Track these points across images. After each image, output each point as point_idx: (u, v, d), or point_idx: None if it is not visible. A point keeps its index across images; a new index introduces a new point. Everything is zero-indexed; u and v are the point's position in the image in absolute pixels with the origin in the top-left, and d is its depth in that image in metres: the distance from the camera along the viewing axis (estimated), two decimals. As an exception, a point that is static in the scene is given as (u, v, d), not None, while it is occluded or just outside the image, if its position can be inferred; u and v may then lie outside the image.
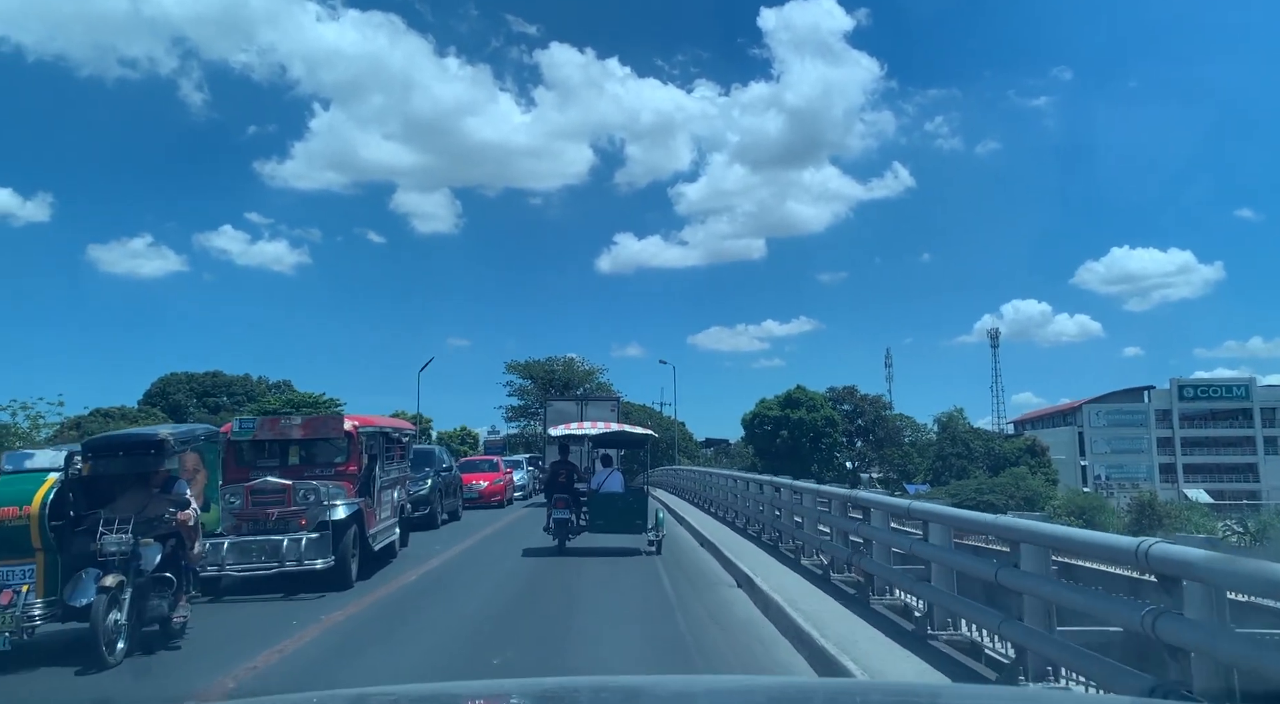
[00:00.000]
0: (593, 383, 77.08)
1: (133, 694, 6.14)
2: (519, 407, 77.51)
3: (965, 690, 3.70)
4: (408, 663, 6.68)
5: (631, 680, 3.56)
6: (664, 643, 7.44)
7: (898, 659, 5.95)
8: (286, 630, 7.75)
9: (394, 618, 8.63)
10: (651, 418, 79.29)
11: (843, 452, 72.67)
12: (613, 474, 14.83)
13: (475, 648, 7.21)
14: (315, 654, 7.00)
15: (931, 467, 68.34)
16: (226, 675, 6.20)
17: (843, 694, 2.76)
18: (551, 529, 13.81)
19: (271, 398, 74.81)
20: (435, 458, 20.22)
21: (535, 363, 76.74)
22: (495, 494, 24.75)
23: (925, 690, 3.26)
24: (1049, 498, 53.58)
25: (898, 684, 4.60)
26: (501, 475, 25.82)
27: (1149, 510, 40.25)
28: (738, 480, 17.56)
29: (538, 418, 79.40)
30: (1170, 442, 79.51)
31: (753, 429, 71.80)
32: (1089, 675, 4.43)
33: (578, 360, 77.38)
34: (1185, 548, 3.75)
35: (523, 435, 76.50)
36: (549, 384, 75.46)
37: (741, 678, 4.83)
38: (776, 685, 3.10)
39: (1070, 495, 52.61)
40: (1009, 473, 52.75)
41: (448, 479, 20.14)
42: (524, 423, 77.98)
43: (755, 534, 14.37)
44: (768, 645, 7.22)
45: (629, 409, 77.29)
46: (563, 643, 7.49)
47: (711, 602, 9.35)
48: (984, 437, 70.66)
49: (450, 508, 20.04)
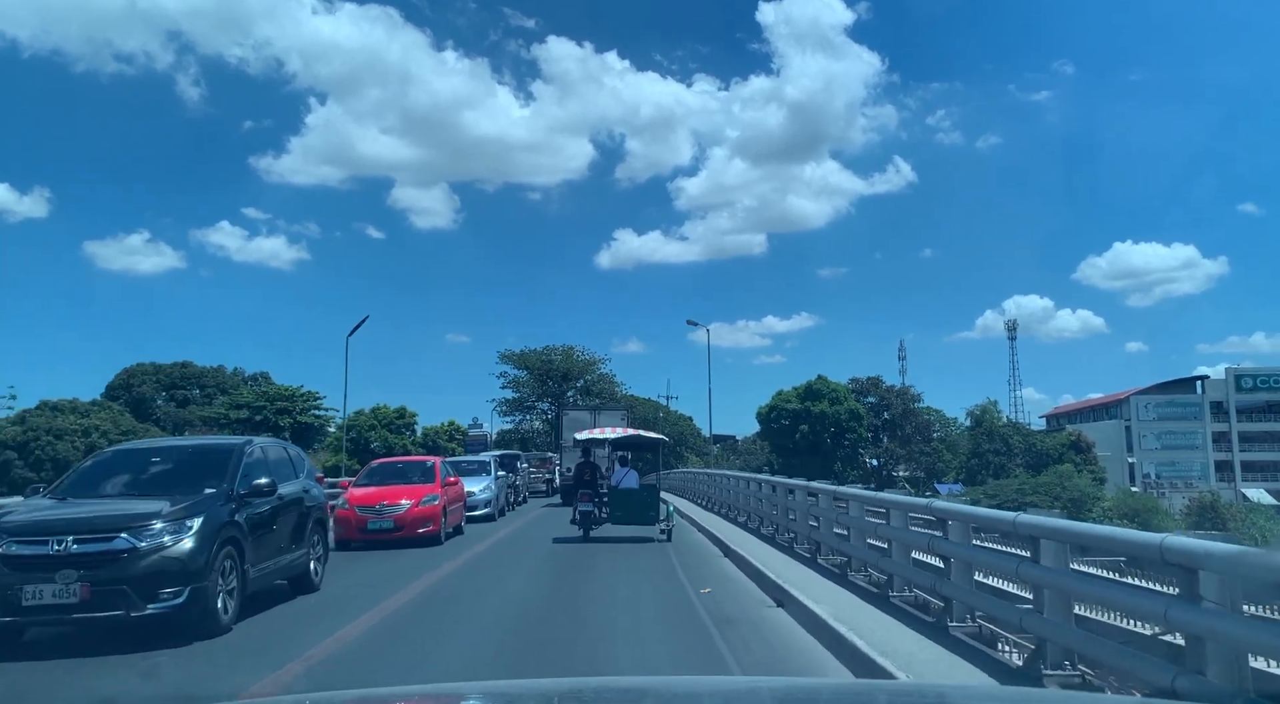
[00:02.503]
0: (594, 374, 76.91)
1: (136, 693, 6.38)
2: (514, 400, 76.89)
3: (974, 691, 3.96)
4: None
5: (636, 681, 3.81)
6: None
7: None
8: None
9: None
10: (659, 413, 79.19)
11: (867, 448, 72.29)
12: (629, 473, 18.13)
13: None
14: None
15: (965, 465, 67.92)
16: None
17: (848, 695, 2.93)
18: (577, 521, 16.93)
19: (246, 390, 75.06)
20: (259, 462, 9.69)
21: (531, 353, 75.94)
22: (423, 524, 16.08)
23: (932, 691, 3.46)
24: (1096, 499, 53.04)
25: (904, 684, 4.95)
26: (435, 490, 16.84)
27: (1211, 513, 39.61)
28: (763, 485, 17.50)
29: (535, 412, 79.56)
30: (1225, 436, 78.70)
31: (769, 423, 71.48)
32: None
33: (577, 350, 76.82)
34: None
35: (518, 431, 76.22)
36: (546, 375, 75.26)
37: (747, 679, 5.31)
38: (782, 686, 3.28)
39: (1122, 496, 52.11)
40: (1053, 471, 52.30)
41: (275, 509, 9.57)
42: (519, 417, 77.62)
43: (786, 544, 14.17)
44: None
45: (633, 403, 77.64)
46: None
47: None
48: (1023, 432, 70.19)
49: (291, 570, 10.13)
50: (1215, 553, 4.05)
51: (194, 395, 78.88)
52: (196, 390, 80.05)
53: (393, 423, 69.41)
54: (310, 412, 71.17)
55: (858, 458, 71.59)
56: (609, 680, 3.88)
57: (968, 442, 70.43)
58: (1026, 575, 6.04)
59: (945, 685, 5.00)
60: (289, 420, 68.48)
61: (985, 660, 6.24)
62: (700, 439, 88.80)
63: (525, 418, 78.25)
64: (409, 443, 66.23)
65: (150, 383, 77.45)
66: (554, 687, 2.86)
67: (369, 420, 69.04)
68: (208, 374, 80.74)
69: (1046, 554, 5.62)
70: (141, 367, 78.51)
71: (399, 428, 69.61)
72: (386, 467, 19.19)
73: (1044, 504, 49.57)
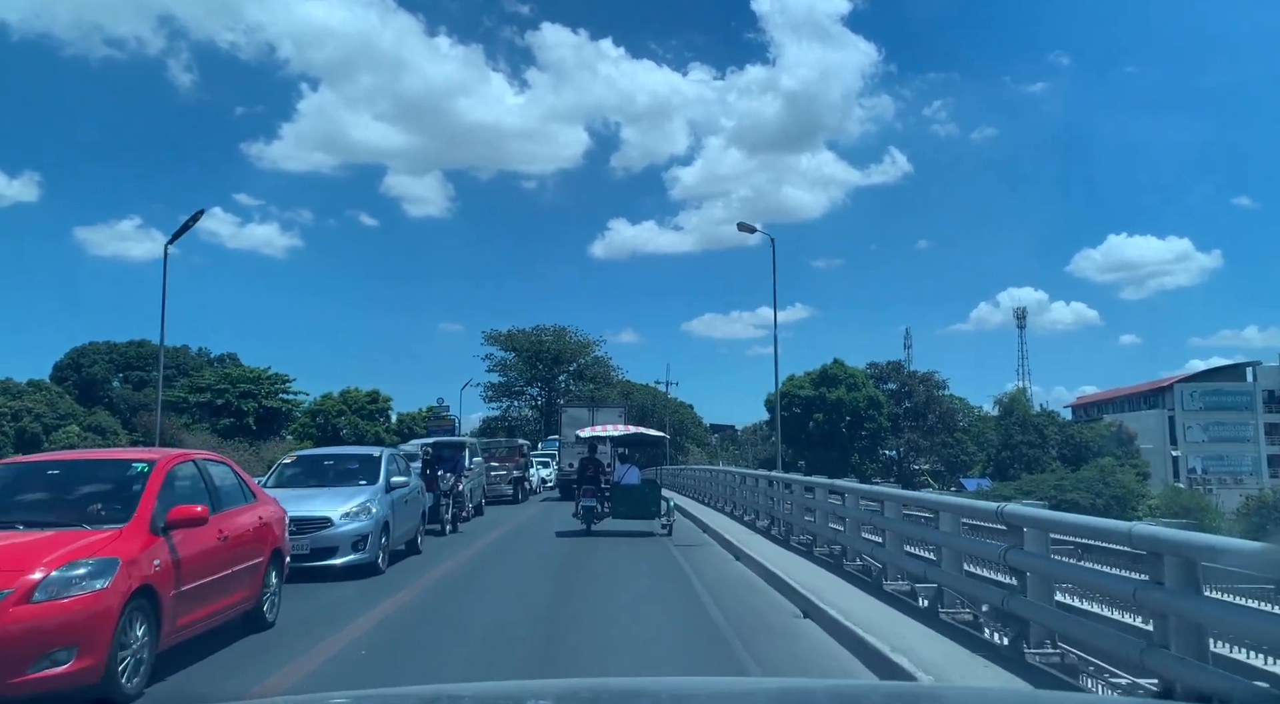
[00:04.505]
0: (588, 357, 74.31)
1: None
2: (501, 385, 74.17)
3: (971, 692, 4.04)
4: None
5: (631, 682, 4.03)
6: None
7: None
8: None
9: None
10: (657, 400, 76.66)
11: (887, 439, 69.48)
12: (631, 469, 19.39)
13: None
14: None
15: (995, 457, 65.27)
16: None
17: (843, 695, 3.07)
18: (580, 515, 18.25)
19: (208, 372, 72.31)
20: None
21: (520, 333, 73.21)
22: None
23: (925, 692, 3.74)
24: (1141, 496, 50.64)
25: (899, 685, 5.31)
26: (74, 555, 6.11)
27: (1274, 512, 36.94)
28: (774, 483, 17.51)
29: (524, 398, 76.84)
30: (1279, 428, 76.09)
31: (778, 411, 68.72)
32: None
33: (570, 331, 73.98)
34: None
35: (505, 419, 73.48)
36: (536, 358, 72.52)
37: (741, 680, 5.61)
38: (776, 687, 3.60)
39: (1171, 494, 49.56)
40: (1094, 465, 49.73)
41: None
42: (506, 404, 74.88)
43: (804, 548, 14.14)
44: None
45: (630, 389, 75.30)
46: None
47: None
48: (1058, 422, 67.51)
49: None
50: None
51: (152, 377, 76.04)
52: (155, 371, 77.22)
53: (364, 408, 66.68)
54: (278, 395, 68.50)
55: (877, 450, 68.90)
56: (604, 681, 4.12)
57: (997, 432, 67.75)
58: (1147, 601, 5.35)
59: (943, 686, 5.26)
60: (253, 404, 65.83)
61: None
62: (701, 428, 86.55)
63: (513, 404, 75.59)
64: (381, 430, 63.49)
65: (102, 363, 74.61)
66: (552, 688, 3.12)
67: (337, 405, 66.25)
68: (167, 354, 77.86)
69: (1170, 574, 5.00)
70: (94, 346, 75.82)
71: (371, 413, 66.86)
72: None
73: (1086, 502, 47.45)
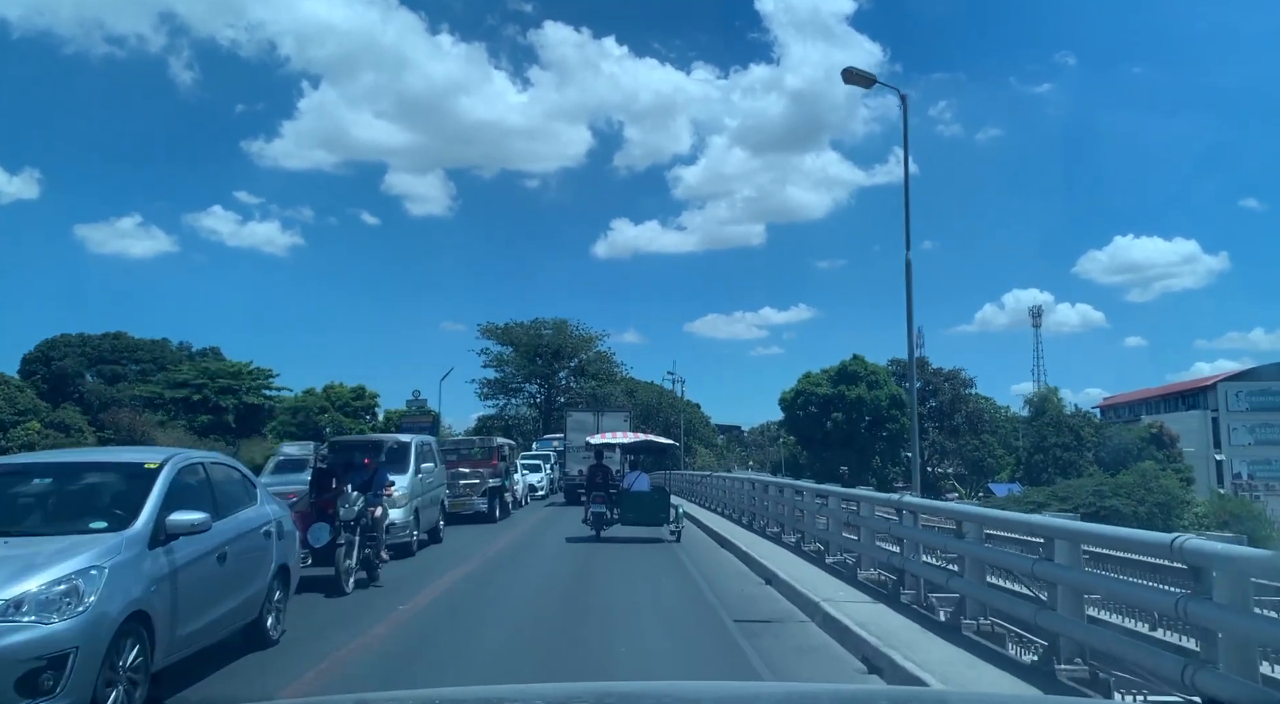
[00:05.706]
0: (590, 352, 71.95)
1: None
2: (497, 381, 71.82)
3: (975, 698, 4.21)
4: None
5: (634, 686, 4.09)
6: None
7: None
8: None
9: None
10: (663, 398, 74.44)
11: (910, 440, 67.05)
12: (640, 476, 19.93)
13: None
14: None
15: (1026, 460, 62.61)
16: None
17: (848, 700, 3.27)
18: (590, 521, 18.70)
19: (187, 366, 70.20)
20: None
21: (518, 326, 70.82)
22: None
23: (932, 697, 3.91)
24: (1186, 503, 48.14)
25: (904, 690, 5.50)
26: None
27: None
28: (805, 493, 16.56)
29: (521, 396, 74.49)
30: (1329, 431, 73.20)
31: (794, 410, 66.50)
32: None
33: (571, 324, 71.54)
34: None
35: (502, 418, 71.15)
36: (535, 352, 70.18)
37: (747, 684, 5.83)
38: (782, 691, 3.85)
39: (1218, 501, 46.94)
40: (1135, 470, 47.15)
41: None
42: (503, 401, 72.53)
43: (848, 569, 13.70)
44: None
45: (635, 386, 73.11)
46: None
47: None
48: (1094, 423, 64.80)
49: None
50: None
51: (128, 371, 73.92)
52: (132, 366, 75.05)
53: (349, 404, 64.50)
54: (260, 391, 66.34)
55: (898, 452, 66.37)
56: (607, 685, 4.17)
57: (1028, 434, 65.10)
58: (1196, 615, 5.29)
59: (948, 691, 5.55)
60: (233, 401, 63.67)
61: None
62: (709, 429, 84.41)
63: (510, 402, 73.27)
64: (366, 427, 61.35)
65: (75, 356, 72.46)
66: (553, 691, 3.17)
67: (319, 401, 64.04)
68: (144, 347, 75.89)
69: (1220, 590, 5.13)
70: (65, 338, 73.70)
71: (356, 410, 64.67)
72: None
73: (1127, 509, 45.04)
